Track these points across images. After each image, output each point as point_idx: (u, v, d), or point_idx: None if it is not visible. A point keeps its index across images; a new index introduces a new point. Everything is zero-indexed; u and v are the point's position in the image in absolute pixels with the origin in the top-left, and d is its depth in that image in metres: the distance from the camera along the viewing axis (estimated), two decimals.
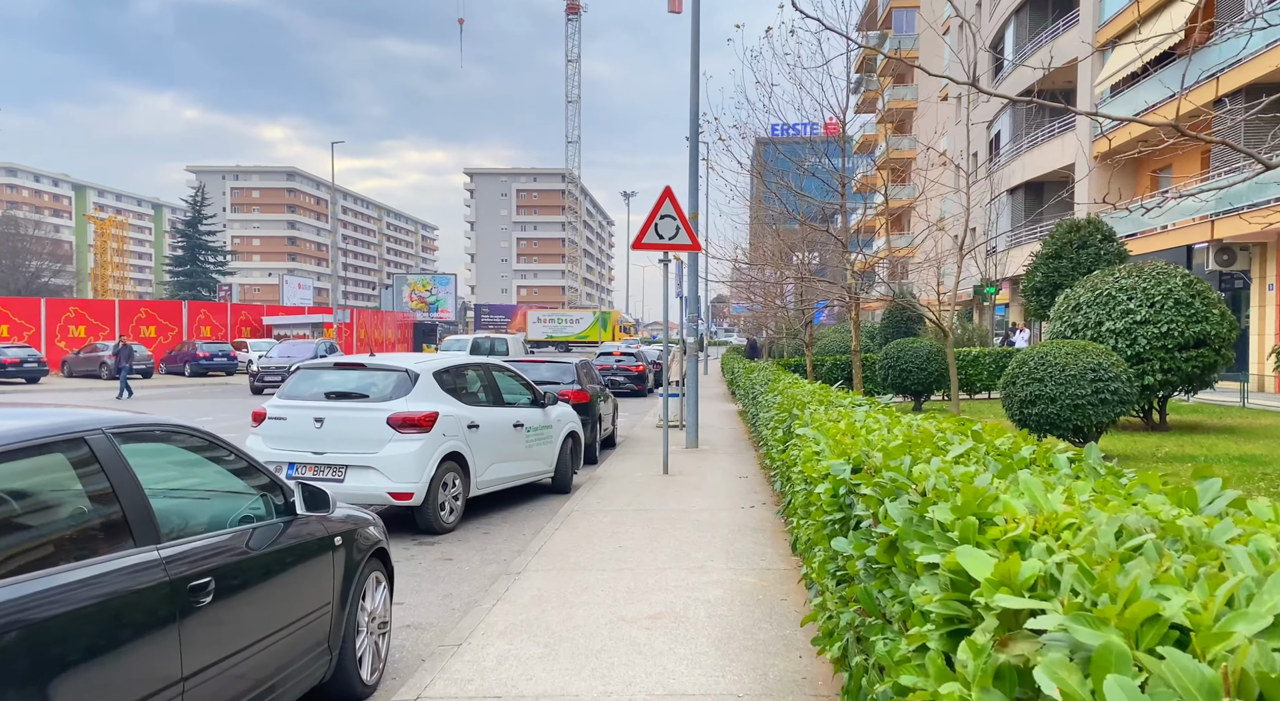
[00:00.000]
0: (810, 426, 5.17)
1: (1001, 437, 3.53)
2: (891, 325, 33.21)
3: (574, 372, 13.65)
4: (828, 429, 4.20)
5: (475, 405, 9.17)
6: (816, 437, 4.02)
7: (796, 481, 5.47)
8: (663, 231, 11.31)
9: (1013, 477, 2.46)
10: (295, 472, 8.10)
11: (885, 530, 2.44)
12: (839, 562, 3.33)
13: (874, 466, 2.96)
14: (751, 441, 14.80)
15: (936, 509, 2.15)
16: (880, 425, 4.26)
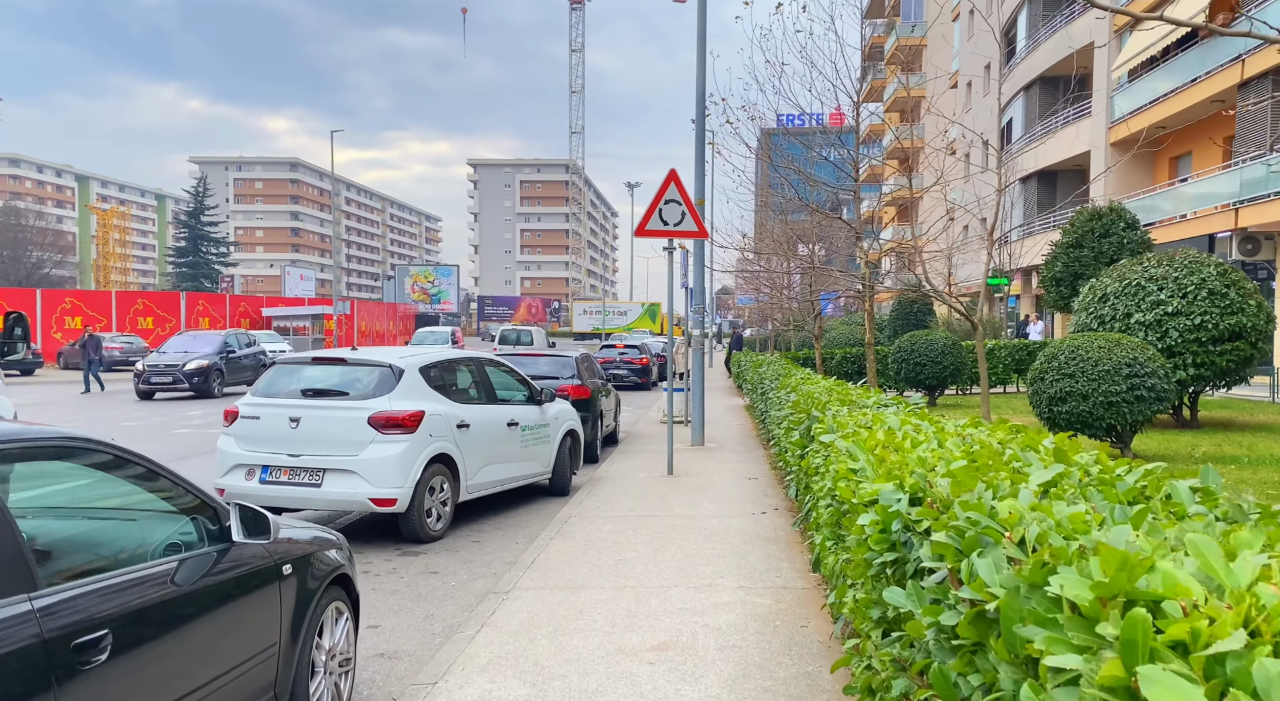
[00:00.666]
0: (837, 433, 4.52)
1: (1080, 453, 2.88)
2: (901, 317, 32.55)
3: (574, 367, 13.00)
4: (864, 441, 3.55)
5: (466, 403, 8.53)
6: (852, 452, 3.37)
7: (820, 493, 4.83)
8: (668, 217, 10.64)
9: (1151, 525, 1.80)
10: (269, 476, 7.48)
11: (973, 597, 1.78)
12: (887, 612, 2.68)
13: (940, 499, 2.30)
14: (760, 439, 14.16)
15: (1063, 579, 1.50)
16: (925, 434, 3.61)
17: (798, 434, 6.56)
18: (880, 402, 6.09)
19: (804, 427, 6.33)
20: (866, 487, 2.71)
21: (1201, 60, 22.72)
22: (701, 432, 13.62)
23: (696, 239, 13.28)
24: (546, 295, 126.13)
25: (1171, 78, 24.76)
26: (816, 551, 5.16)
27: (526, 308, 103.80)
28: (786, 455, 7.63)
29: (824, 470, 4.78)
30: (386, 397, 7.62)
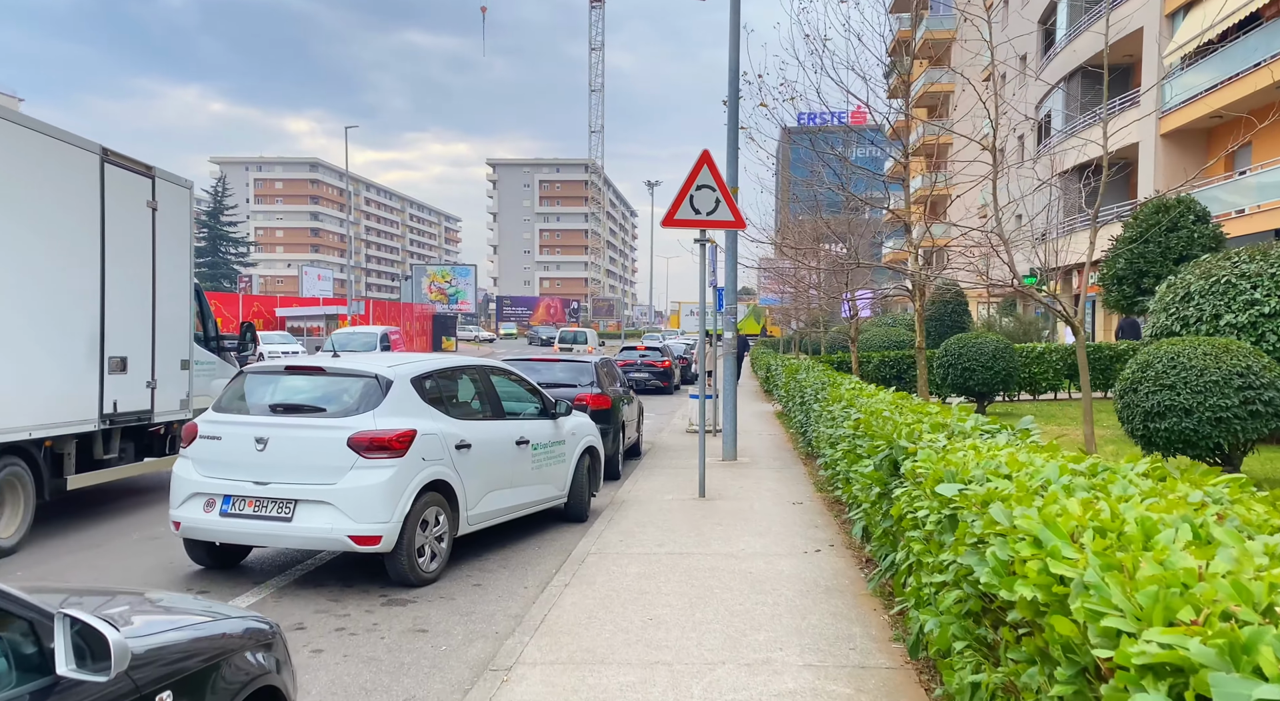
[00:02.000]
0: (967, 484, 3.22)
1: None
2: (935, 318, 31.06)
3: (592, 373, 11.73)
4: (1052, 519, 2.24)
5: (467, 418, 7.30)
6: (1053, 546, 2.05)
7: (930, 561, 3.55)
8: (699, 205, 9.37)
9: None
10: (231, 508, 6.27)
11: None
12: None
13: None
14: (799, 453, 12.83)
15: None
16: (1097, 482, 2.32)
17: (871, 465, 5.26)
18: (981, 427, 4.79)
19: (881, 458, 5.03)
20: (1151, 649, 1.42)
21: (1268, 42, 21.15)
22: (734, 446, 12.33)
23: (730, 230, 12.01)
24: (565, 295, 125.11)
25: (1230, 63, 23.19)
26: (917, 633, 3.87)
27: (545, 308, 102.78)
28: (851, 486, 6.33)
29: (933, 530, 3.49)
30: (371, 414, 6.39)
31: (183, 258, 9.89)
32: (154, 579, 6.58)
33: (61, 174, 7.78)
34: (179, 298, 9.79)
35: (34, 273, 7.41)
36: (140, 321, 9.03)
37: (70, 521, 8.60)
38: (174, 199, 9.61)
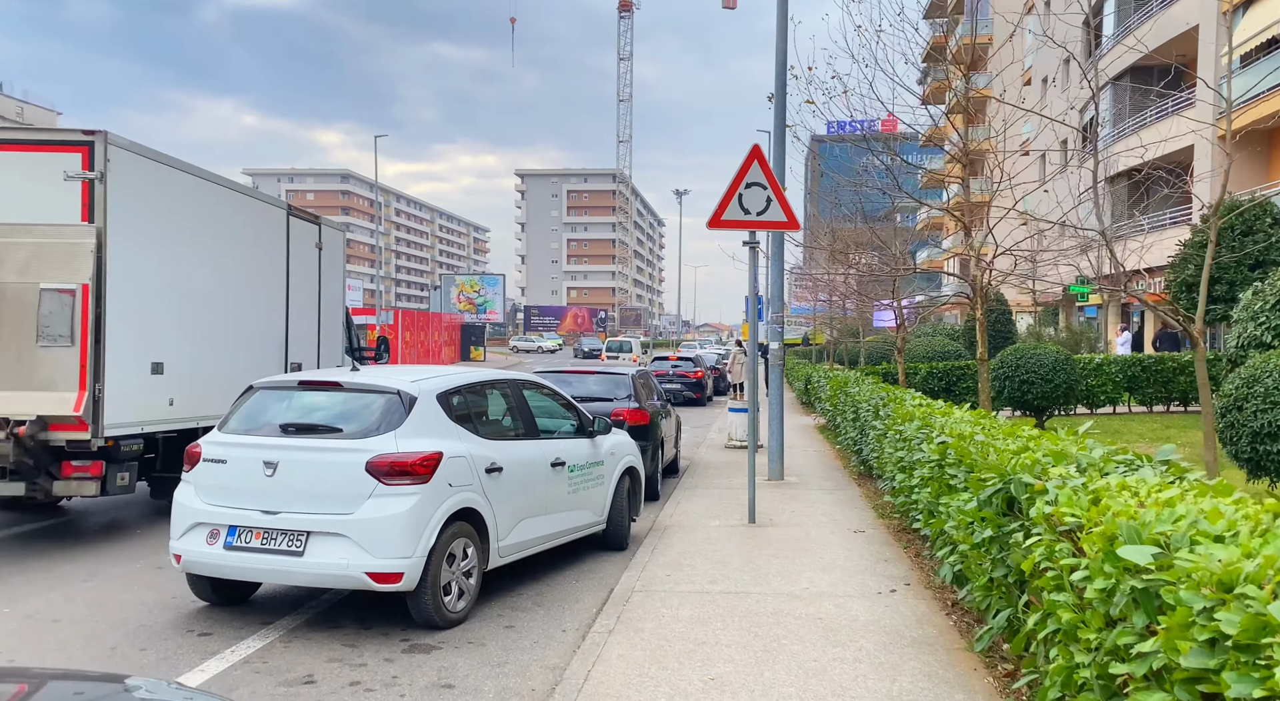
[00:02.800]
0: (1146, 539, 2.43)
1: None
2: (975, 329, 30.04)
3: (629, 385, 11.00)
4: None
5: (498, 438, 6.59)
6: None
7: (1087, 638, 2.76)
8: (749, 204, 8.61)
9: None
10: (236, 540, 5.59)
11: None
12: None
13: None
14: (851, 472, 11.99)
15: None
16: None
17: (974, 501, 4.46)
18: (1112, 457, 3.98)
19: (991, 494, 4.23)
20: None
21: None
22: (781, 464, 11.52)
23: (776, 234, 11.25)
24: (593, 305, 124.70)
25: None
26: None
27: (573, 317, 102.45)
28: (939, 520, 5.51)
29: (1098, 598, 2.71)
30: (392, 435, 5.70)
31: (338, 285, 12.28)
32: (153, 618, 5.92)
33: (264, 225, 10.24)
34: (335, 317, 12.19)
35: (253, 294, 9.97)
36: (309, 335, 11.28)
37: (72, 545, 7.99)
38: (333, 240, 12.16)
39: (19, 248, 7.30)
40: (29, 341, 7.27)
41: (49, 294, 7.23)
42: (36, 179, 7.45)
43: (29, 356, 7.26)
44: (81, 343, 7.29)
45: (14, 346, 7.28)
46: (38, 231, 7.34)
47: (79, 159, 7.42)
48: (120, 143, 7.71)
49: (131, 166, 7.89)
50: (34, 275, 7.29)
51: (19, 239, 7.31)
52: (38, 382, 7.32)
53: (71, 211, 7.40)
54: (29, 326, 7.25)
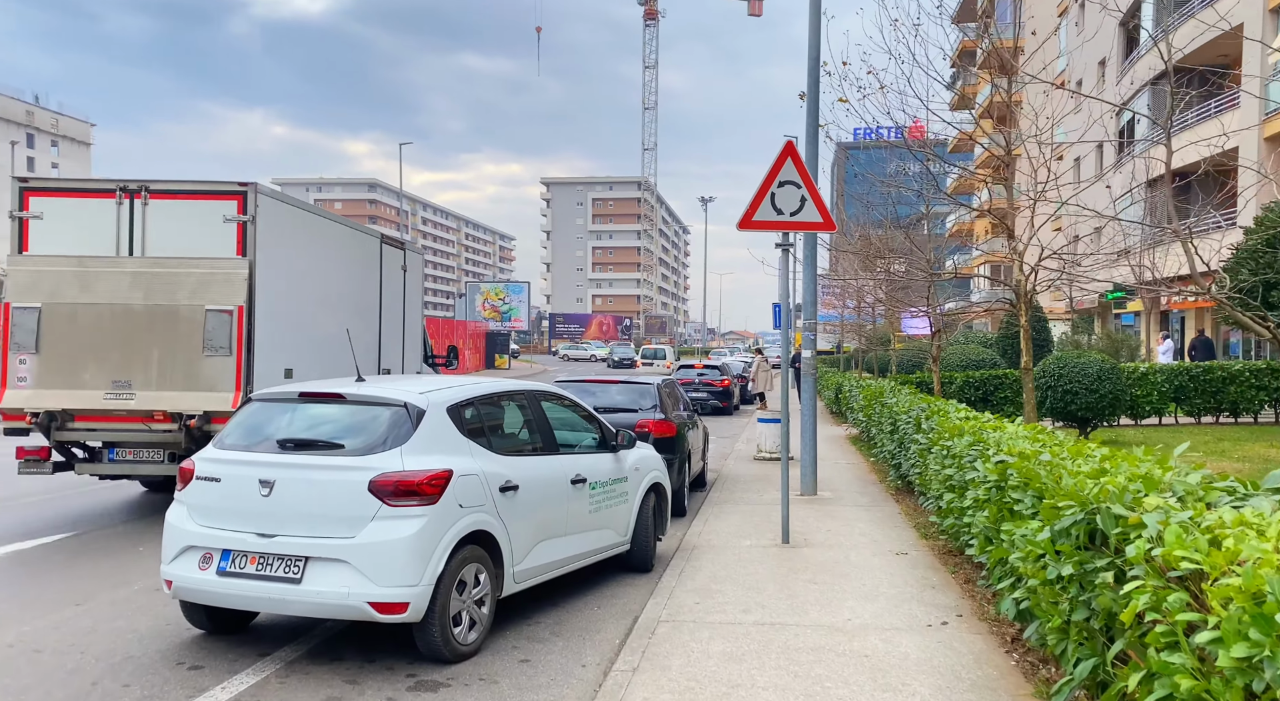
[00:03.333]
0: None
1: None
2: (1012, 336, 29.24)
3: (654, 395, 10.51)
4: None
5: (513, 453, 6.14)
6: None
7: None
8: (782, 204, 8.11)
9: None
10: (230, 565, 5.16)
11: None
12: None
13: None
14: (888, 488, 11.40)
15: None
16: None
17: (1046, 532, 3.92)
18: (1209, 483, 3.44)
19: (1070, 525, 3.70)
20: None
21: None
22: (814, 478, 10.97)
23: (809, 236, 10.73)
24: (618, 312, 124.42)
25: None
26: None
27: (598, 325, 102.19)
28: (999, 548, 4.96)
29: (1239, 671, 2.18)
30: (398, 451, 5.25)
31: (418, 301, 13.97)
32: (143, 648, 5.50)
33: (362, 251, 11.94)
34: (415, 328, 13.87)
35: (355, 309, 11.47)
36: (396, 343, 12.90)
37: (72, 565, 7.63)
38: (414, 263, 13.89)
39: (189, 276, 8.96)
40: (197, 352, 8.88)
41: (212, 314, 8.85)
42: (202, 221, 9.12)
43: (197, 364, 8.89)
44: (237, 353, 8.88)
45: (185, 356, 8.91)
46: (204, 263, 9.01)
47: (235, 205, 9.08)
48: (265, 191, 9.31)
49: (272, 210, 9.48)
50: (200, 298, 8.90)
51: (190, 269, 8.97)
52: (203, 385, 8.95)
53: (229, 247, 9.07)
54: (197, 340, 8.86)
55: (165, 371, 8.93)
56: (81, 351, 8.98)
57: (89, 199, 9.38)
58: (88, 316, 8.98)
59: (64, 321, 8.97)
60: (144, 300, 8.94)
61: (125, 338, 8.95)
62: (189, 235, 9.14)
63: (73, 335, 8.98)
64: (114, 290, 8.98)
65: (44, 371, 8.98)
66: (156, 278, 8.98)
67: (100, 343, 8.96)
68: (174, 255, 9.05)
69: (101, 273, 9.02)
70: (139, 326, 8.94)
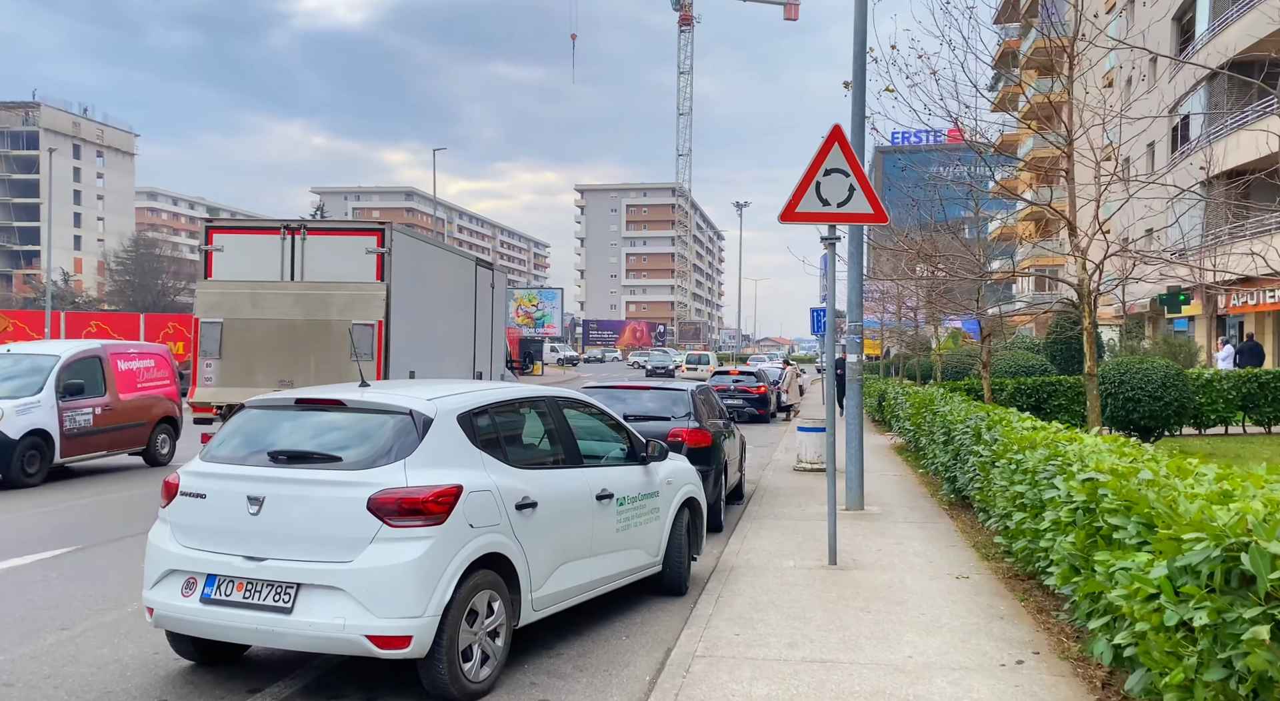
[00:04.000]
0: None
1: None
2: (1061, 342, 28.18)
3: (688, 402, 9.86)
4: None
5: (533, 466, 5.55)
6: None
7: None
8: (828, 194, 7.46)
9: None
10: (215, 592, 4.63)
11: None
12: None
13: None
14: (940, 502, 10.64)
15: None
16: None
17: (1162, 569, 3.23)
18: None
19: (1200, 560, 3.01)
20: None
21: None
22: (860, 492, 10.27)
23: (855, 230, 10.04)
24: (651, 319, 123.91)
25: None
26: None
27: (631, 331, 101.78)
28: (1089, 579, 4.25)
29: None
30: (401, 465, 4.68)
31: (502, 313, 16.19)
32: (123, 682, 4.98)
33: (462, 273, 13.90)
34: (500, 336, 16.08)
35: (457, 321, 13.45)
36: (485, 350, 14.82)
37: (65, 583, 7.16)
38: (500, 281, 15.95)
39: (340, 297, 10.72)
40: (345, 357, 10.35)
41: (358, 327, 10.48)
42: (349, 253, 10.87)
43: (345, 367, 10.32)
44: (377, 358, 10.53)
45: (337, 360, 10.55)
46: (350, 286, 10.74)
47: (375, 240, 10.79)
48: (398, 229, 11.24)
49: (401, 243, 11.26)
50: (348, 314, 10.60)
51: (340, 291, 10.75)
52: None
53: (370, 273, 10.79)
54: (345, 347, 10.31)
55: (320, 373, 10.59)
56: (254, 357, 10.86)
57: (259, 235, 11.36)
58: (259, 329, 10.89)
59: (241, 333, 10.88)
60: (303, 316, 10.80)
61: (289, 346, 10.83)
62: (338, 264, 10.94)
63: (247, 344, 10.88)
64: (280, 308, 10.89)
65: (225, 373, 10.90)
66: (313, 298, 10.85)
67: (269, 350, 10.86)
68: (327, 280, 10.86)
69: (269, 294, 10.92)
70: (299, 337, 10.81)
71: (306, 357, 10.86)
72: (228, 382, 10.92)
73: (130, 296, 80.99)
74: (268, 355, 10.92)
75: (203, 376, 11.08)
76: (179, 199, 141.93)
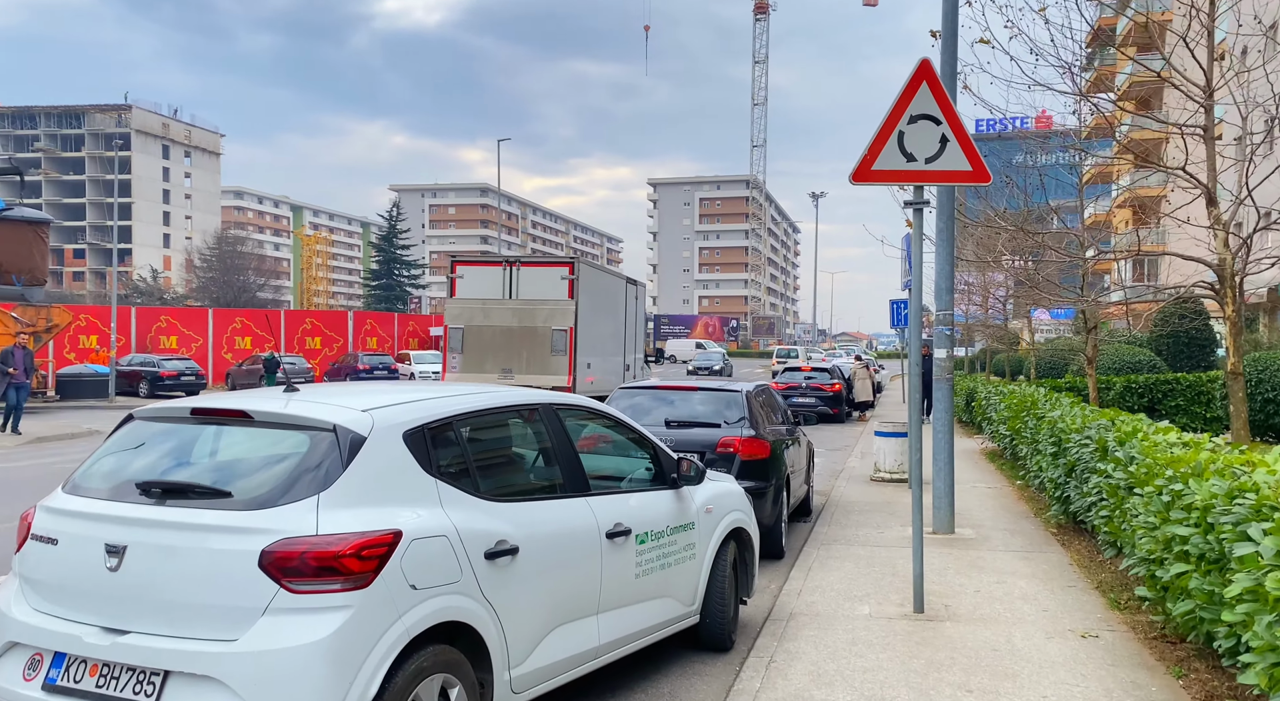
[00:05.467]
0: None
1: None
2: (1170, 336, 25.58)
3: (742, 405, 8.31)
4: None
5: (515, 496, 4.20)
6: None
7: None
8: (914, 146, 5.90)
9: None
10: (61, 676, 3.39)
11: None
12: None
13: None
14: (1046, 524, 8.93)
15: None
16: None
17: None
18: None
19: None
20: None
21: None
22: (951, 511, 8.65)
23: (947, 193, 8.39)
24: (724, 313, 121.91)
25: None
26: None
27: (704, 326, 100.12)
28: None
29: None
30: (310, 503, 3.36)
31: (641, 317, 21.03)
32: None
33: (616, 289, 19.13)
34: (640, 336, 20.94)
35: (612, 325, 18.46)
36: (631, 346, 19.93)
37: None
38: (641, 293, 20.83)
39: (544, 310, 15.97)
40: (547, 353, 15.65)
41: (556, 332, 15.66)
42: (549, 279, 16.25)
43: (547, 359, 15.67)
44: (569, 353, 15.59)
45: (541, 355, 15.89)
46: (550, 303, 16.00)
47: (567, 270, 16.25)
48: (583, 261, 16.80)
49: (584, 272, 16.59)
50: (549, 323, 15.87)
51: (544, 306, 16.02)
52: (551, 371, 15.90)
53: (563, 293, 16.09)
54: (547, 346, 15.51)
55: (531, 364, 16.03)
56: (485, 352, 16.27)
57: (488, 267, 17.03)
58: (488, 333, 16.36)
59: (475, 335, 16.41)
60: (518, 323, 16.15)
61: (507, 344, 16.17)
62: (542, 287, 16.31)
63: (480, 343, 16.31)
64: (502, 317, 16.27)
65: (465, 364, 16.38)
66: (525, 310, 16.14)
67: (494, 347, 16.19)
68: (534, 298, 16.23)
69: (495, 308, 16.36)
70: (515, 338, 16.17)
71: (520, 352, 16.11)
72: (466, 370, 16.25)
73: (214, 292, 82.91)
74: (494, 351, 16.19)
75: (450, 365, 16.56)
76: (264, 197, 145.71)
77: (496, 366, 15.81)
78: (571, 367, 15.92)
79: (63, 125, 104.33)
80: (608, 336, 18.26)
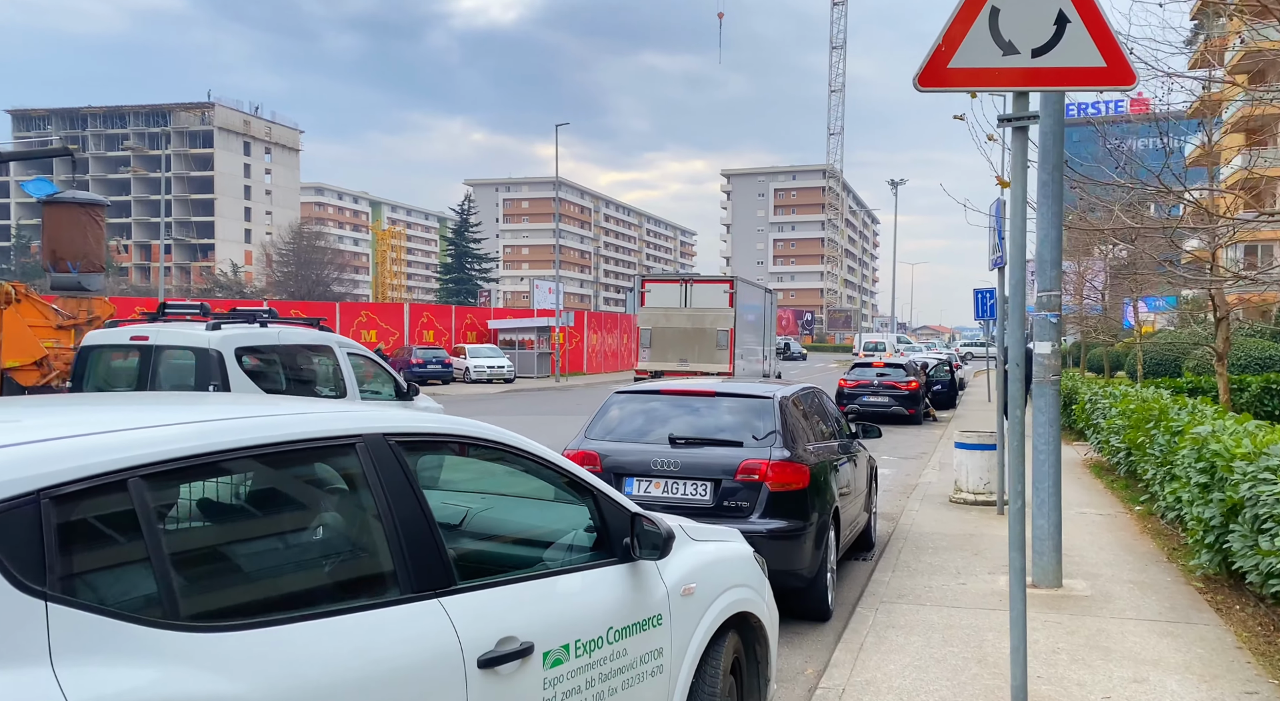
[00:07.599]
0: None
1: None
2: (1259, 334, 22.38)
3: (774, 416, 6.20)
4: None
5: (253, 617, 2.34)
6: None
7: None
8: (1013, 31, 3.84)
9: None
10: None
11: None
12: None
13: None
14: (1185, 573, 6.67)
15: None
16: None
17: None
18: None
19: None
20: None
21: None
22: (1058, 555, 6.50)
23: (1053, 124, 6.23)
24: (798, 306, 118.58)
25: None
26: None
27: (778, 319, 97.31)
28: None
29: None
30: None
31: (773, 319, 29.50)
32: None
33: (758, 296, 27.74)
34: (773, 335, 29.28)
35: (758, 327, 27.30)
36: (769, 344, 28.59)
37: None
38: (773, 300, 29.71)
39: (710, 315, 23.20)
40: (713, 348, 23.00)
41: (720, 332, 23.05)
42: (715, 292, 23.59)
43: (713, 352, 22.97)
44: (730, 349, 22.97)
45: (709, 349, 23.06)
46: (715, 310, 23.24)
47: (728, 286, 23.87)
48: (739, 280, 24.82)
49: (740, 287, 24.23)
50: (715, 325, 23.13)
51: (710, 313, 23.22)
52: (716, 360, 22.82)
53: (724, 303, 23.32)
54: (713, 343, 22.98)
55: (700, 355, 22.62)
56: (666, 347, 23.01)
57: (669, 284, 24.26)
58: (668, 333, 23.12)
59: (660, 335, 23.26)
60: (691, 326, 22.92)
61: (683, 342, 22.90)
62: (709, 299, 23.12)
63: (664, 340, 23.14)
64: (679, 321, 23.05)
65: (652, 356, 23.23)
66: (696, 316, 22.98)
67: (673, 344, 22.94)
68: (703, 306, 22.99)
69: (673, 314, 23.17)
70: (689, 337, 22.90)
71: (693, 347, 22.66)
72: (654, 360, 22.87)
73: (291, 287, 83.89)
74: (673, 345, 22.82)
75: (641, 356, 23.57)
76: (343, 193, 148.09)
77: (675, 357, 22.55)
78: (732, 358, 22.74)
79: (150, 124, 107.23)
80: (753, 337, 25.85)
